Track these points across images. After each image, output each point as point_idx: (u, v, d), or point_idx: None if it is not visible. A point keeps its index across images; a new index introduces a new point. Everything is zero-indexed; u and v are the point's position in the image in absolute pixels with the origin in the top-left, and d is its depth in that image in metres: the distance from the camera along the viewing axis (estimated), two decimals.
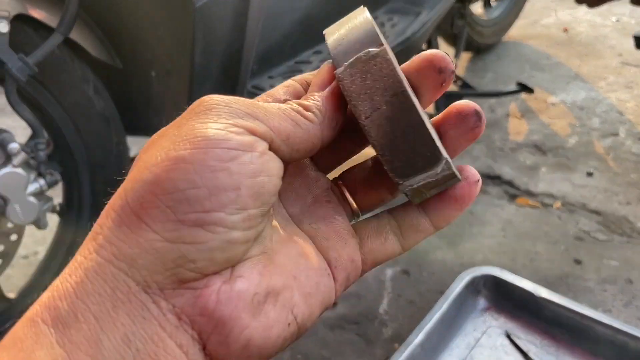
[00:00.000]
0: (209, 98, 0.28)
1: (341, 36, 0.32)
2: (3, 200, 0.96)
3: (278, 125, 0.28)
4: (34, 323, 0.25)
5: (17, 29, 0.95)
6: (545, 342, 1.08)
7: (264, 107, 0.29)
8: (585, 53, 2.31)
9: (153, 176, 0.25)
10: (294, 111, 0.30)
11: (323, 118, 0.30)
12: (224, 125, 0.26)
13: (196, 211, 0.25)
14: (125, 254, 0.25)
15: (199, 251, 0.25)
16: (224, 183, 0.25)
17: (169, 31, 1.11)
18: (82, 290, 0.25)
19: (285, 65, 1.33)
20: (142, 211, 0.25)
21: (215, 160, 0.25)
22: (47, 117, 1.05)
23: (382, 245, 0.33)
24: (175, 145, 0.26)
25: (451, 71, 0.31)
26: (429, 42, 1.70)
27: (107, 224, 0.26)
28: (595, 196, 1.52)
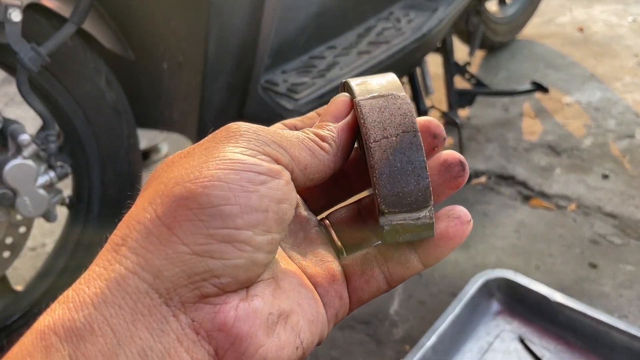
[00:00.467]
0: (237, 125, 0.30)
1: (366, 80, 0.35)
2: (13, 193, 0.95)
3: (298, 155, 0.30)
4: (45, 336, 0.24)
5: (29, 18, 0.93)
6: (560, 348, 1.06)
7: (287, 137, 0.30)
8: (600, 53, 2.28)
9: (187, 191, 0.26)
10: (311, 141, 0.31)
11: (337, 150, 0.32)
12: (254, 152, 0.28)
13: (228, 227, 0.26)
14: (152, 265, 0.25)
15: (225, 267, 0.26)
16: (255, 204, 0.26)
17: (182, 23, 1.09)
18: (102, 301, 0.24)
19: (299, 60, 1.31)
20: (174, 224, 0.25)
21: (248, 182, 0.27)
22: (58, 109, 1.03)
23: (366, 283, 0.33)
24: (208, 165, 0.27)
25: (443, 138, 0.33)
26: (443, 40, 1.67)
27: (131, 236, 0.26)
28: (611, 199, 1.49)
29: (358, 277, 0.33)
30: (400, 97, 0.32)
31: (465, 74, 1.80)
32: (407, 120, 0.31)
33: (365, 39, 1.37)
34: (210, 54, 1.05)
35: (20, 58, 0.88)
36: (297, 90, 1.19)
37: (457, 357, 1.05)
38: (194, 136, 1.17)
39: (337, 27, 1.39)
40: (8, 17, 0.85)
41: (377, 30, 1.41)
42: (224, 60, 1.09)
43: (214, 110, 1.12)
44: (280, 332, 0.28)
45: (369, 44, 1.35)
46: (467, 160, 0.33)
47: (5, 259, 1.04)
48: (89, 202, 1.12)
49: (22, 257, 1.38)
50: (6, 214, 0.99)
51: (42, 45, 0.91)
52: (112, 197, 1.14)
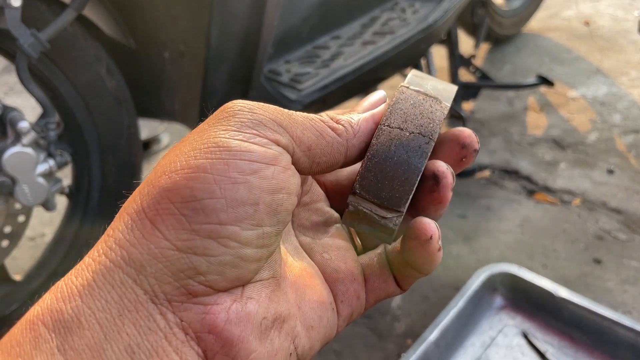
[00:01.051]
0: (232, 104, 0.27)
1: (425, 76, 0.33)
2: (12, 181, 0.94)
3: (301, 134, 0.28)
4: (34, 326, 0.24)
5: (29, 3, 0.91)
6: (563, 343, 1.05)
7: (289, 115, 0.28)
8: (606, 47, 2.26)
9: (171, 183, 0.24)
10: (321, 121, 0.29)
11: (353, 135, 0.30)
12: (247, 135, 0.26)
13: (211, 222, 0.24)
14: (135, 260, 0.24)
15: (209, 264, 0.24)
16: (242, 196, 0.25)
17: (184, 11, 1.07)
18: (88, 294, 0.24)
19: (303, 50, 1.30)
20: (157, 217, 0.24)
21: (237, 171, 0.25)
22: (58, 96, 1.02)
23: (384, 283, 0.33)
24: (195, 153, 0.25)
25: (474, 150, 0.32)
26: (448, 33, 1.65)
27: (119, 227, 0.25)
28: (616, 194, 1.48)
29: (376, 277, 0.32)
30: (442, 104, 0.31)
31: (470, 66, 1.78)
32: (431, 125, 0.30)
33: (370, 29, 1.36)
34: (212, 43, 1.03)
35: (20, 44, 0.87)
36: (301, 80, 1.18)
37: (460, 351, 1.04)
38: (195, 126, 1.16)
39: (342, 16, 1.38)
40: (8, 2, 0.83)
41: (381, 20, 1.39)
42: (226, 50, 1.07)
43: (216, 100, 1.11)
44: (274, 337, 0.27)
45: (373, 34, 1.33)
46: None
47: (3, 248, 1.03)
48: (89, 192, 1.11)
49: (21, 246, 1.37)
50: (5, 203, 0.98)
51: (42, 31, 0.89)
52: (112, 187, 1.12)
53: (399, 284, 0.33)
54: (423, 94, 0.31)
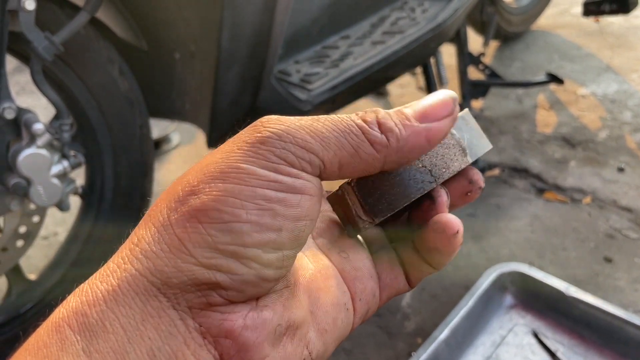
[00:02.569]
0: (263, 127, 0.27)
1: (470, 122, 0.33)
2: (27, 182, 0.95)
3: (333, 156, 0.27)
4: (60, 328, 0.25)
5: (43, 6, 0.93)
6: (574, 342, 1.05)
7: (321, 134, 0.27)
8: (617, 44, 2.25)
9: (200, 203, 0.26)
10: (360, 133, 0.28)
11: (395, 151, 0.28)
12: (276, 166, 0.26)
13: (236, 244, 0.25)
14: (161, 271, 0.25)
15: (232, 281, 0.26)
16: (267, 222, 0.26)
17: (195, 13, 1.08)
18: (113, 299, 0.25)
19: (312, 50, 1.30)
20: (184, 234, 0.25)
21: (263, 199, 0.26)
22: (71, 98, 1.03)
23: (395, 280, 0.34)
24: (224, 176, 0.26)
25: (479, 187, 0.33)
26: (457, 31, 1.65)
27: (145, 238, 0.26)
28: (626, 192, 1.47)
29: (388, 274, 0.34)
30: (465, 158, 0.32)
31: (479, 64, 1.78)
32: (444, 171, 0.31)
33: (379, 28, 1.36)
34: (223, 44, 1.04)
35: (34, 47, 0.88)
36: (311, 80, 1.18)
37: (470, 350, 1.04)
38: (206, 126, 1.17)
39: (351, 16, 1.38)
40: (22, 5, 0.84)
41: (391, 19, 1.39)
42: (237, 50, 1.08)
43: (227, 100, 1.12)
44: (287, 343, 0.28)
45: (383, 33, 1.33)
46: None
47: (18, 248, 1.04)
48: (102, 192, 1.12)
49: (34, 246, 1.39)
50: (20, 203, 0.99)
51: (56, 34, 0.90)
52: (125, 187, 1.14)
53: (409, 281, 0.34)
54: (457, 140, 0.31)
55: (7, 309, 1.09)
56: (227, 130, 1.15)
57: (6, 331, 1.08)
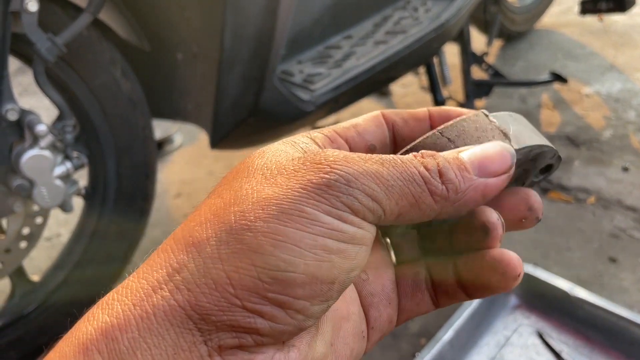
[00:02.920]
0: (329, 167, 0.25)
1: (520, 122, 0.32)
2: (30, 183, 0.95)
3: (394, 206, 0.26)
4: (89, 352, 0.24)
5: (45, 8, 0.92)
6: (579, 343, 1.05)
7: (387, 183, 0.26)
8: (621, 43, 2.24)
9: (257, 245, 0.24)
10: (422, 182, 0.26)
11: (452, 203, 0.27)
12: (340, 213, 0.25)
13: (287, 294, 0.24)
14: (202, 307, 0.24)
15: (271, 329, 0.24)
16: (323, 275, 0.25)
17: (197, 13, 1.08)
18: (147, 328, 0.24)
19: (315, 50, 1.30)
20: (234, 274, 0.24)
21: (324, 249, 0.24)
22: (74, 99, 1.03)
23: (416, 306, 0.32)
24: (287, 218, 0.24)
25: (537, 218, 0.31)
26: (460, 30, 1.65)
27: (189, 267, 0.25)
28: (631, 192, 1.46)
29: (409, 299, 0.32)
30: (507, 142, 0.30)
31: (483, 64, 1.77)
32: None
33: (382, 28, 1.36)
34: (226, 44, 1.04)
35: (37, 48, 0.88)
36: (313, 80, 1.18)
37: (474, 351, 1.04)
38: (208, 127, 1.17)
39: (353, 16, 1.38)
40: (25, 7, 0.84)
41: (394, 19, 1.39)
42: (239, 50, 1.07)
43: (229, 100, 1.11)
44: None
45: (385, 33, 1.33)
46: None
47: (22, 249, 1.04)
48: (105, 193, 1.12)
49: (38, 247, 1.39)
50: (23, 205, 0.99)
51: (58, 36, 0.90)
52: (127, 188, 1.14)
53: (436, 302, 0.32)
54: (497, 126, 0.30)
55: (11, 310, 1.09)
56: (230, 130, 1.14)
57: (10, 332, 1.08)
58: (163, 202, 1.65)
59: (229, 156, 1.86)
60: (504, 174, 0.28)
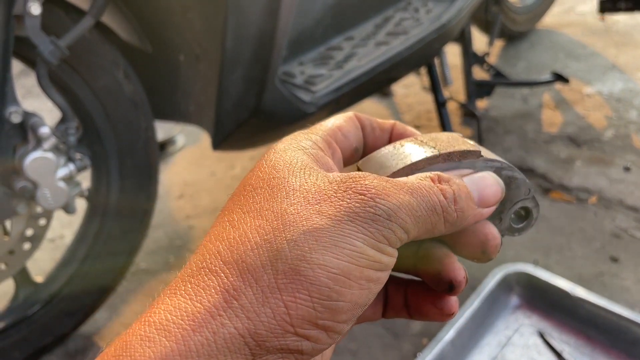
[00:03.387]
0: (374, 201, 0.27)
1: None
2: (33, 185, 0.96)
3: (417, 232, 0.28)
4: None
5: (48, 11, 0.93)
6: (580, 343, 1.05)
7: (416, 215, 0.28)
8: (622, 42, 2.24)
9: (314, 277, 0.26)
10: (440, 210, 0.29)
11: (459, 225, 0.30)
12: (381, 246, 0.27)
13: (334, 320, 0.26)
14: (260, 334, 0.25)
15: (313, 349, 0.27)
16: (361, 301, 0.27)
17: (199, 15, 1.08)
18: (207, 354, 0.25)
19: (316, 52, 1.30)
20: (291, 303, 0.26)
21: (365, 279, 0.27)
22: (77, 101, 1.03)
23: (372, 311, 0.36)
24: (340, 251, 0.26)
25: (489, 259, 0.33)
26: (462, 30, 1.65)
27: (247, 296, 0.26)
28: (633, 192, 1.47)
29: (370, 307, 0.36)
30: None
31: (484, 64, 1.77)
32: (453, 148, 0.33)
33: (383, 29, 1.36)
34: (227, 46, 1.04)
35: (40, 51, 0.88)
36: (315, 82, 1.18)
37: (476, 351, 1.04)
38: (210, 128, 1.17)
39: (355, 17, 1.38)
40: (27, 10, 0.85)
41: (395, 20, 1.39)
42: (241, 52, 1.08)
43: (231, 102, 1.12)
44: None
45: (387, 34, 1.33)
46: None
47: (25, 250, 1.05)
48: (107, 194, 1.12)
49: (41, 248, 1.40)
50: (27, 206, 1.00)
51: (61, 38, 0.91)
52: (130, 189, 1.14)
53: (384, 313, 0.36)
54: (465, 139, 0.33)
55: (15, 311, 1.10)
56: (231, 131, 1.15)
57: (14, 333, 1.08)
58: (165, 203, 1.66)
59: (231, 157, 1.86)
60: (494, 205, 0.32)
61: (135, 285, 1.35)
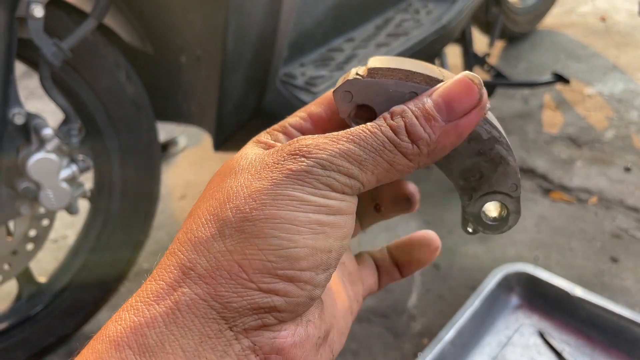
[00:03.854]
0: (301, 153, 0.28)
1: None
2: (36, 186, 0.96)
3: (371, 175, 0.28)
4: (120, 348, 0.25)
5: (51, 13, 0.94)
6: (580, 342, 1.05)
7: (360, 159, 0.28)
8: (623, 43, 2.24)
9: (258, 231, 0.27)
10: (392, 145, 0.28)
11: (426, 155, 0.29)
12: (323, 192, 0.28)
13: (294, 268, 0.27)
14: (221, 296, 0.26)
15: (287, 304, 0.27)
16: (320, 245, 0.27)
17: (200, 17, 1.09)
18: (172, 322, 0.26)
19: (317, 53, 1.31)
20: (245, 261, 0.26)
21: (317, 223, 0.27)
22: (79, 103, 1.04)
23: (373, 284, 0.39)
24: (279, 203, 0.27)
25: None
26: (462, 31, 1.65)
27: (202, 264, 0.27)
28: (633, 192, 1.47)
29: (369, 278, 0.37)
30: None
31: (485, 65, 1.77)
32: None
33: (384, 30, 1.36)
34: (228, 47, 1.05)
35: (42, 53, 0.89)
36: (316, 83, 1.19)
37: (476, 351, 1.05)
38: (212, 129, 1.18)
39: (355, 19, 1.38)
40: (30, 12, 0.86)
41: (395, 21, 1.40)
42: (242, 54, 1.09)
43: (232, 103, 1.13)
44: (323, 352, 0.30)
45: (387, 35, 1.34)
46: None
47: (29, 251, 1.06)
48: (110, 195, 1.13)
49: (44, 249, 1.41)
50: (30, 207, 1.00)
51: (64, 41, 0.91)
52: (132, 190, 1.15)
53: (402, 272, 0.39)
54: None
55: (18, 311, 1.11)
56: (233, 132, 1.16)
57: (17, 333, 1.09)
58: (167, 204, 1.66)
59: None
60: (475, 109, 0.29)
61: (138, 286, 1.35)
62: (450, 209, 1.48)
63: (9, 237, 1.03)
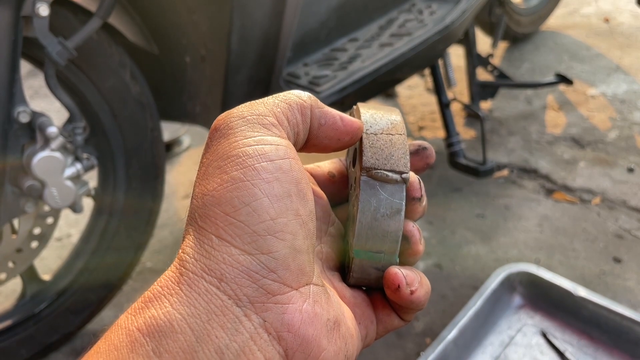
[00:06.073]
0: (223, 121, 0.31)
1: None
2: (41, 184, 0.97)
3: (287, 121, 0.32)
4: (129, 331, 0.26)
5: (56, 12, 0.94)
6: (583, 343, 1.05)
7: (274, 108, 0.32)
8: (627, 44, 2.24)
9: (218, 197, 0.28)
10: (292, 104, 0.34)
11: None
12: (256, 139, 0.29)
13: (265, 220, 0.27)
14: (214, 269, 0.27)
15: (275, 259, 0.27)
16: (278, 191, 0.28)
17: (205, 17, 1.10)
18: (178, 301, 0.26)
19: (321, 53, 1.31)
20: (219, 230, 0.27)
21: (265, 172, 0.28)
22: (84, 102, 1.05)
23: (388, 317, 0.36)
24: (225, 169, 0.28)
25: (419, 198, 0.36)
26: (465, 32, 1.65)
27: (189, 244, 0.28)
28: (636, 193, 1.47)
29: (382, 310, 0.35)
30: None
31: (488, 65, 1.78)
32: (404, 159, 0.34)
33: (387, 30, 1.37)
34: (233, 47, 1.05)
35: (48, 52, 0.90)
36: (319, 83, 1.19)
37: (479, 350, 1.05)
38: None
39: (359, 19, 1.39)
40: (36, 11, 0.86)
41: (399, 22, 1.40)
42: (246, 53, 1.09)
43: (237, 103, 1.12)
44: (336, 338, 0.29)
45: (390, 36, 1.34)
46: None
47: (33, 249, 1.06)
48: (114, 194, 1.14)
49: (48, 247, 1.41)
50: (34, 205, 1.01)
51: (69, 39, 0.92)
52: (136, 189, 1.15)
53: (401, 317, 0.36)
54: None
55: (22, 309, 1.11)
56: None
57: (21, 331, 1.10)
58: (171, 203, 1.67)
59: None
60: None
61: (141, 284, 1.36)
62: (453, 209, 1.48)
63: (13, 235, 1.03)
